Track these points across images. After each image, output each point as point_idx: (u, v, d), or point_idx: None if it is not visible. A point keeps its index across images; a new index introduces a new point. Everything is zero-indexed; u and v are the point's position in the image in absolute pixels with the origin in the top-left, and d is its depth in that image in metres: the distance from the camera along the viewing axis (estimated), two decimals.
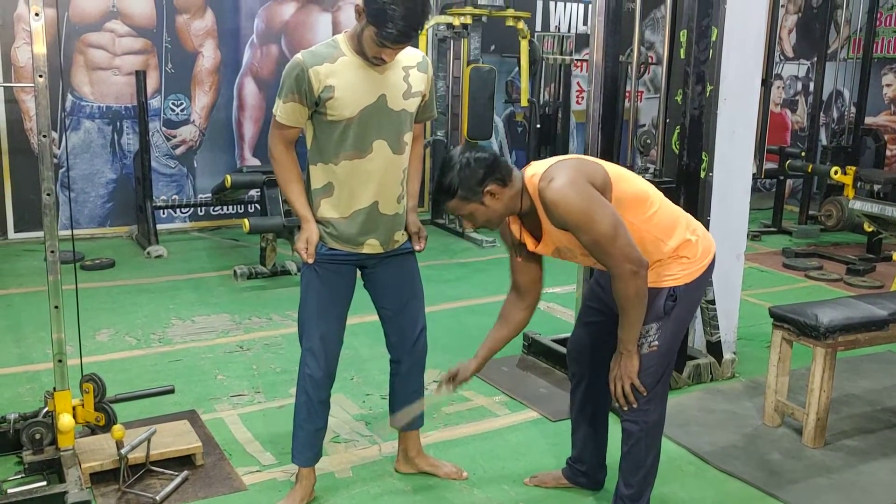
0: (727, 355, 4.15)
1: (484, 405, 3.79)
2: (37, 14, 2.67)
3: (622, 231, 2.39)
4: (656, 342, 2.56)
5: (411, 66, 2.73)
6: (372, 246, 2.77)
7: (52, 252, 2.83)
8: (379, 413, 3.64)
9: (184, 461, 3.11)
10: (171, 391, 3.64)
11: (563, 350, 4.18)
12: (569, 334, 4.20)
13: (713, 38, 3.77)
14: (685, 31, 3.80)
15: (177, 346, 4.49)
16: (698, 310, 4.02)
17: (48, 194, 2.78)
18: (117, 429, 2.92)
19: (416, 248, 2.93)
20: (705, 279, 2.65)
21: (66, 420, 2.92)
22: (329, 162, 2.67)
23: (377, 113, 2.64)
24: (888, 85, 8.48)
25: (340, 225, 2.72)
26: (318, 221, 2.74)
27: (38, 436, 2.95)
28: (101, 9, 6.84)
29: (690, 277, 2.58)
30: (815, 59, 8.10)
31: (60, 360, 2.92)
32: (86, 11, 6.79)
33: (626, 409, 2.61)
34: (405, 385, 3.04)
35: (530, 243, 2.64)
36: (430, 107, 2.87)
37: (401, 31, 2.45)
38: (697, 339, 4.19)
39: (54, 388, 2.95)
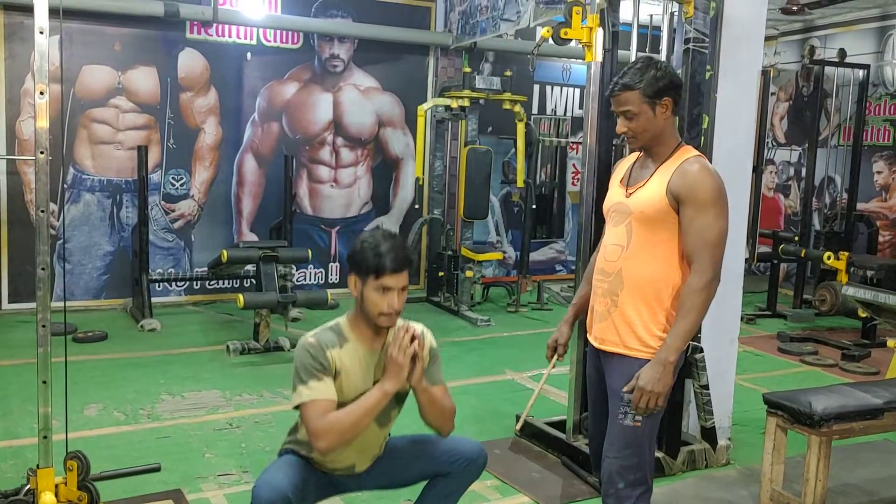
0: (722, 441, 4.10)
1: (475, 489, 3.71)
2: (42, 93, 2.73)
3: (724, 245, 2.47)
4: (639, 418, 2.51)
5: None
6: (348, 470, 2.79)
7: (44, 326, 2.82)
8: (369, 496, 3.56)
9: None
10: (157, 469, 3.57)
11: (556, 433, 4.14)
12: (563, 417, 4.19)
13: (704, 126, 3.85)
14: (677, 119, 3.88)
15: (165, 422, 4.44)
16: (692, 394, 3.99)
17: (43, 268, 2.79)
18: None
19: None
20: (679, 366, 2.58)
21: (47, 499, 2.86)
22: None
23: None
24: (878, 172, 8.60)
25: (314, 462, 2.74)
26: (297, 444, 2.75)
27: None
28: (107, 85, 6.98)
29: None
30: (807, 145, 8.25)
31: (46, 437, 2.88)
32: (92, 87, 6.93)
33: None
34: (460, 484, 2.91)
35: (622, 193, 2.63)
36: (435, 371, 2.76)
37: (395, 258, 2.53)
38: (692, 424, 4.14)
39: (38, 465, 2.90)
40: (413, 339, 2.56)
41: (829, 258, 7.24)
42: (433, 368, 2.76)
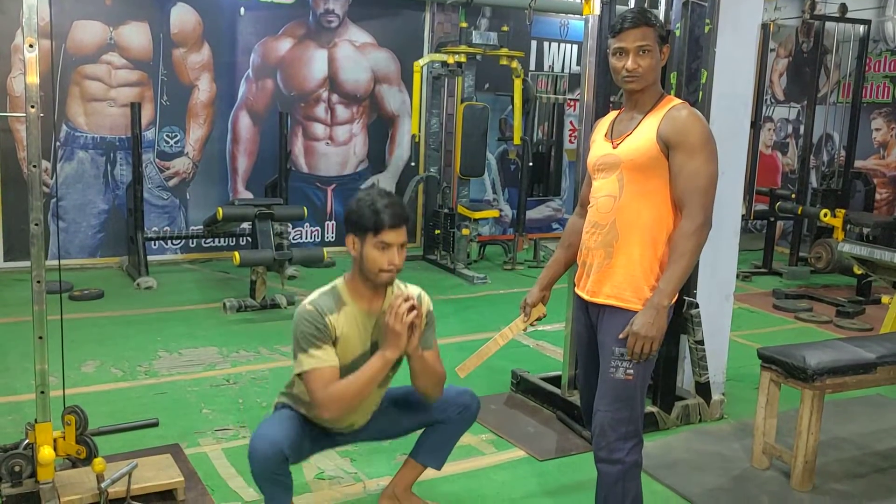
0: (716, 396, 4.14)
1: (471, 443, 3.76)
2: (31, 45, 2.69)
3: (715, 190, 2.48)
4: (631, 370, 2.51)
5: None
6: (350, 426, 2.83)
7: (39, 282, 2.81)
8: (364, 449, 3.60)
9: (165, 496, 3.06)
10: (155, 424, 3.60)
11: (551, 388, 4.17)
12: (558, 373, 4.22)
13: (703, 81, 3.82)
14: (675, 73, 3.85)
15: (163, 378, 4.46)
16: (687, 349, 4.01)
17: (36, 224, 2.77)
18: (98, 462, 2.88)
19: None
20: (669, 319, 2.56)
21: (46, 452, 2.88)
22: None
23: (366, 359, 2.65)
24: (877, 129, 8.56)
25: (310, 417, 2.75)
26: (293, 400, 2.76)
27: (17, 468, 2.91)
28: (99, 41, 6.89)
29: None
30: (806, 102, 8.19)
31: (43, 392, 2.89)
32: (83, 43, 6.84)
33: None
34: (454, 429, 2.98)
35: (608, 146, 2.63)
36: (429, 337, 2.80)
37: (393, 213, 2.53)
38: (686, 379, 4.17)
39: (35, 420, 2.91)
40: (412, 308, 2.57)
41: (825, 215, 7.24)
42: (428, 333, 2.79)
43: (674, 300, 2.55)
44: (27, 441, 2.97)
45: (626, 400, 2.54)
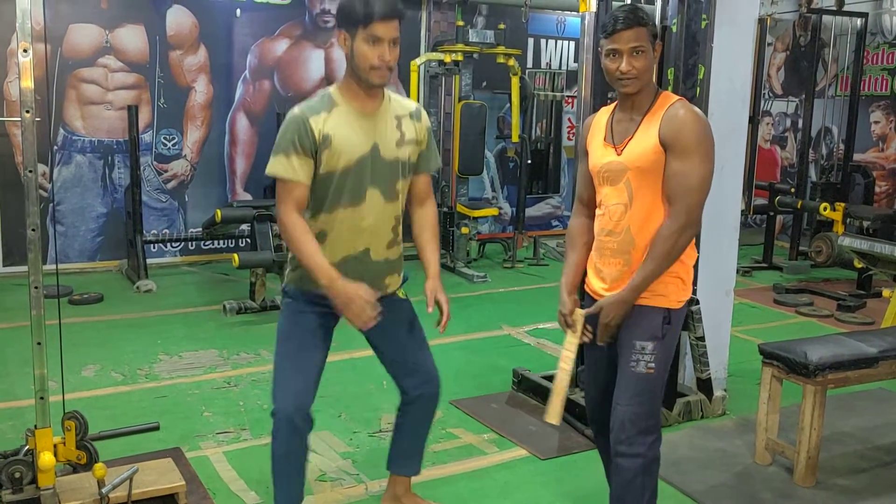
0: (717, 392, 4.13)
1: (472, 443, 3.75)
2: (25, 50, 2.68)
3: (707, 192, 2.46)
4: (653, 364, 2.51)
5: (403, 115, 2.73)
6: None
7: (36, 287, 2.80)
8: (367, 451, 3.60)
9: (167, 500, 3.05)
10: (156, 428, 3.59)
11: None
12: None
13: (700, 77, 3.80)
14: (672, 69, 3.84)
15: (163, 381, 4.45)
16: (688, 346, 4.00)
17: (33, 230, 2.76)
18: (99, 467, 2.87)
19: (429, 310, 2.85)
20: (684, 314, 2.63)
21: (46, 458, 2.86)
22: (323, 214, 2.64)
23: (371, 162, 2.63)
24: (876, 122, 8.55)
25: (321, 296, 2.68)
26: (305, 285, 2.69)
27: (17, 474, 2.90)
28: (95, 44, 6.88)
29: (680, 304, 2.57)
30: (804, 96, 8.19)
31: (42, 398, 2.88)
32: (79, 46, 6.83)
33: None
34: (417, 424, 2.97)
35: (612, 152, 2.59)
36: (430, 157, 2.82)
37: (385, 2, 2.47)
38: (688, 375, 4.16)
39: (35, 426, 2.90)
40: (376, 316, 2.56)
41: (825, 209, 7.23)
42: (429, 154, 2.81)
43: (688, 295, 2.57)
44: (27, 447, 2.96)
45: (647, 394, 2.54)
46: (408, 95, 7.88)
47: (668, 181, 2.45)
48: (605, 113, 2.69)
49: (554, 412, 2.64)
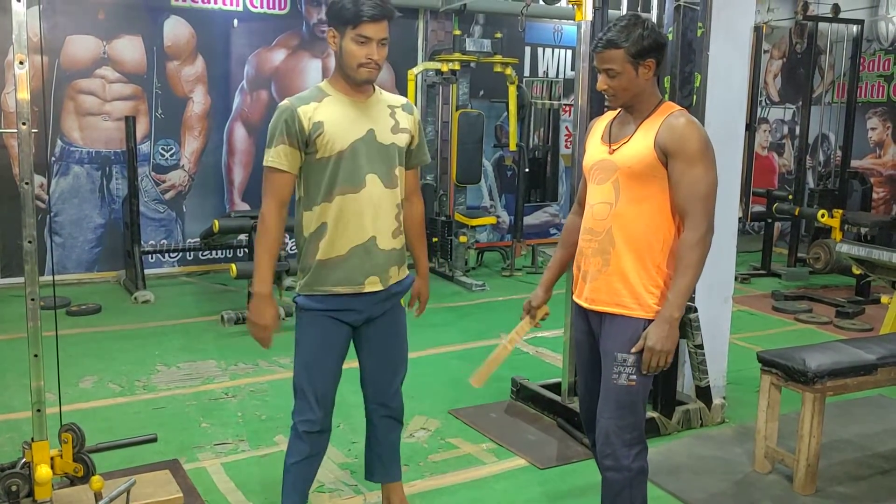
0: (716, 400, 4.12)
1: (471, 453, 3.74)
2: (21, 62, 2.68)
3: (715, 198, 2.47)
4: (634, 377, 2.51)
5: (396, 105, 2.76)
6: (372, 283, 2.71)
7: (33, 299, 2.80)
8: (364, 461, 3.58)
9: None
10: (154, 440, 3.57)
11: (551, 395, 4.15)
12: (558, 379, 4.20)
13: (696, 84, 3.81)
14: (668, 77, 3.84)
15: (161, 393, 4.44)
16: (687, 354, 4.00)
17: (29, 241, 2.76)
18: (96, 480, 2.86)
19: (410, 307, 2.93)
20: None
21: (43, 471, 2.85)
22: (322, 202, 2.63)
23: (367, 146, 2.63)
24: (873, 128, 8.56)
25: (339, 264, 2.65)
26: (316, 266, 2.67)
27: (14, 487, 2.89)
28: (92, 55, 6.89)
29: None
30: (801, 103, 8.20)
31: (39, 410, 2.87)
32: (77, 58, 6.83)
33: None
34: (387, 434, 3.00)
35: (605, 151, 2.61)
36: (422, 150, 2.86)
37: (374, 4, 2.51)
38: (686, 383, 4.16)
39: (32, 439, 2.89)
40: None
41: (823, 216, 7.23)
42: (420, 147, 2.85)
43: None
44: (24, 460, 2.95)
45: (629, 406, 2.53)
46: None
47: (679, 190, 2.46)
48: (609, 116, 2.73)
49: (478, 377, 2.92)
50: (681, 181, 2.45)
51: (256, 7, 7.46)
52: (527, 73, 8.80)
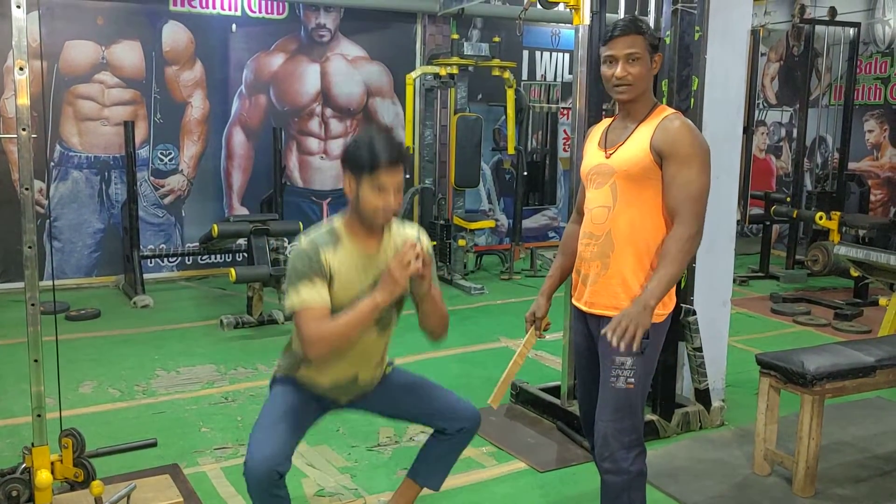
0: (716, 403, 4.12)
1: (471, 456, 3.74)
2: (21, 68, 2.69)
3: (707, 201, 2.47)
4: (633, 379, 2.50)
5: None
6: (350, 399, 2.83)
7: (33, 304, 2.80)
8: (365, 465, 3.59)
9: None
10: (154, 445, 3.57)
11: (551, 398, 4.16)
12: (557, 383, 4.21)
13: (694, 88, 3.82)
14: (666, 80, 3.85)
15: (161, 397, 4.44)
16: (686, 357, 4.00)
17: (29, 247, 2.77)
18: (96, 485, 2.86)
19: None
20: (667, 327, 2.62)
21: (43, 476, 2.86)
22: None
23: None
24: (870, 131, 8.58)
25: (319, 386, 2.73)
26: (299, 375, 2.72)
27: (14, 493, 2.89)
28: (91, 60, 6.90)
29: (661, 318, 2.55)
30: (798, 106, 8.22)
31: (39, 415, 2.88)
32: (76, 63, 6.84)
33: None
34: (453, 448, 2.96)
35: (601, 155, 2.62)
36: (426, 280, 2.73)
37: (390, 154, 2.49)
38: (685, 386, 4.16)
39: (32, 444, 2.90)
40: (418, 256, 2.49)
41: (820, 218, 7.25)
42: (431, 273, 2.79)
43: (671, 308, 2.55)
44: (24, 465, 2.96)
45: (627, 409, 2.53)
46: (403, 109, 7.93)
47: (671, 190, 2.47)
48: (605, 123, 2.75)
49: (495, 397, 2.93)
50: (673, 182, 2.46)
51: (255, 12, 7.47)
52: (525, 76, 8.82)
